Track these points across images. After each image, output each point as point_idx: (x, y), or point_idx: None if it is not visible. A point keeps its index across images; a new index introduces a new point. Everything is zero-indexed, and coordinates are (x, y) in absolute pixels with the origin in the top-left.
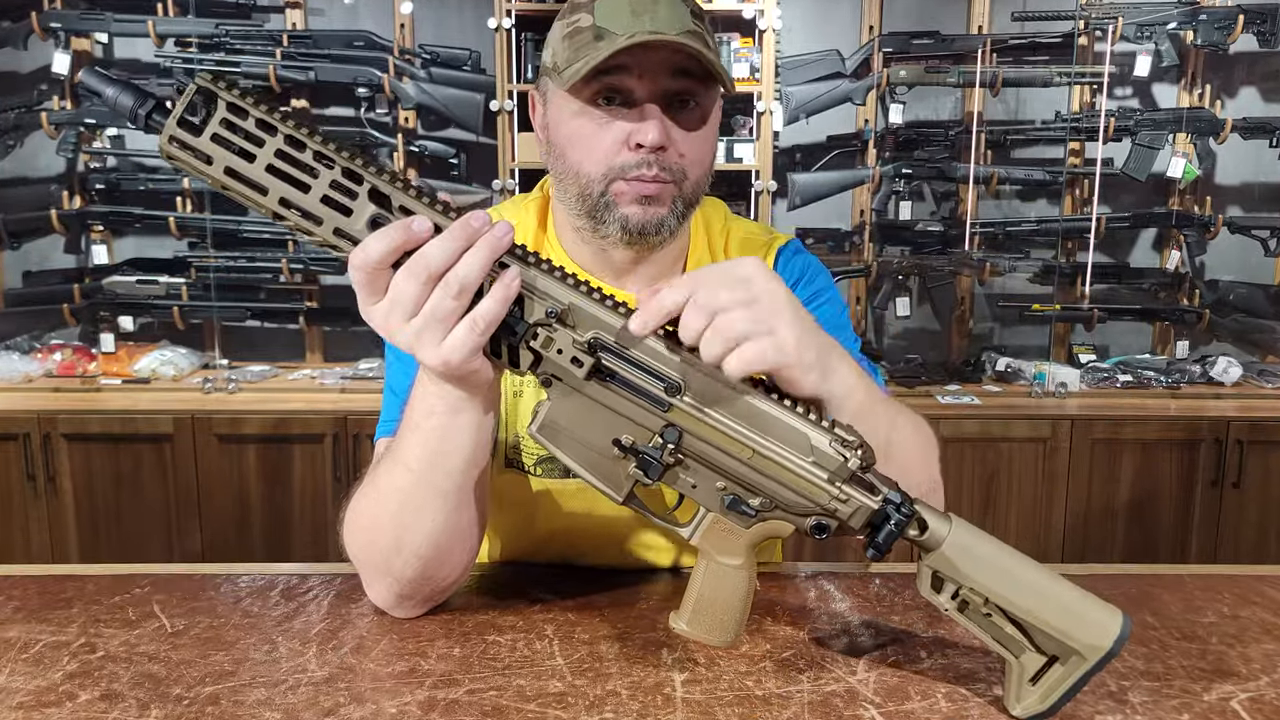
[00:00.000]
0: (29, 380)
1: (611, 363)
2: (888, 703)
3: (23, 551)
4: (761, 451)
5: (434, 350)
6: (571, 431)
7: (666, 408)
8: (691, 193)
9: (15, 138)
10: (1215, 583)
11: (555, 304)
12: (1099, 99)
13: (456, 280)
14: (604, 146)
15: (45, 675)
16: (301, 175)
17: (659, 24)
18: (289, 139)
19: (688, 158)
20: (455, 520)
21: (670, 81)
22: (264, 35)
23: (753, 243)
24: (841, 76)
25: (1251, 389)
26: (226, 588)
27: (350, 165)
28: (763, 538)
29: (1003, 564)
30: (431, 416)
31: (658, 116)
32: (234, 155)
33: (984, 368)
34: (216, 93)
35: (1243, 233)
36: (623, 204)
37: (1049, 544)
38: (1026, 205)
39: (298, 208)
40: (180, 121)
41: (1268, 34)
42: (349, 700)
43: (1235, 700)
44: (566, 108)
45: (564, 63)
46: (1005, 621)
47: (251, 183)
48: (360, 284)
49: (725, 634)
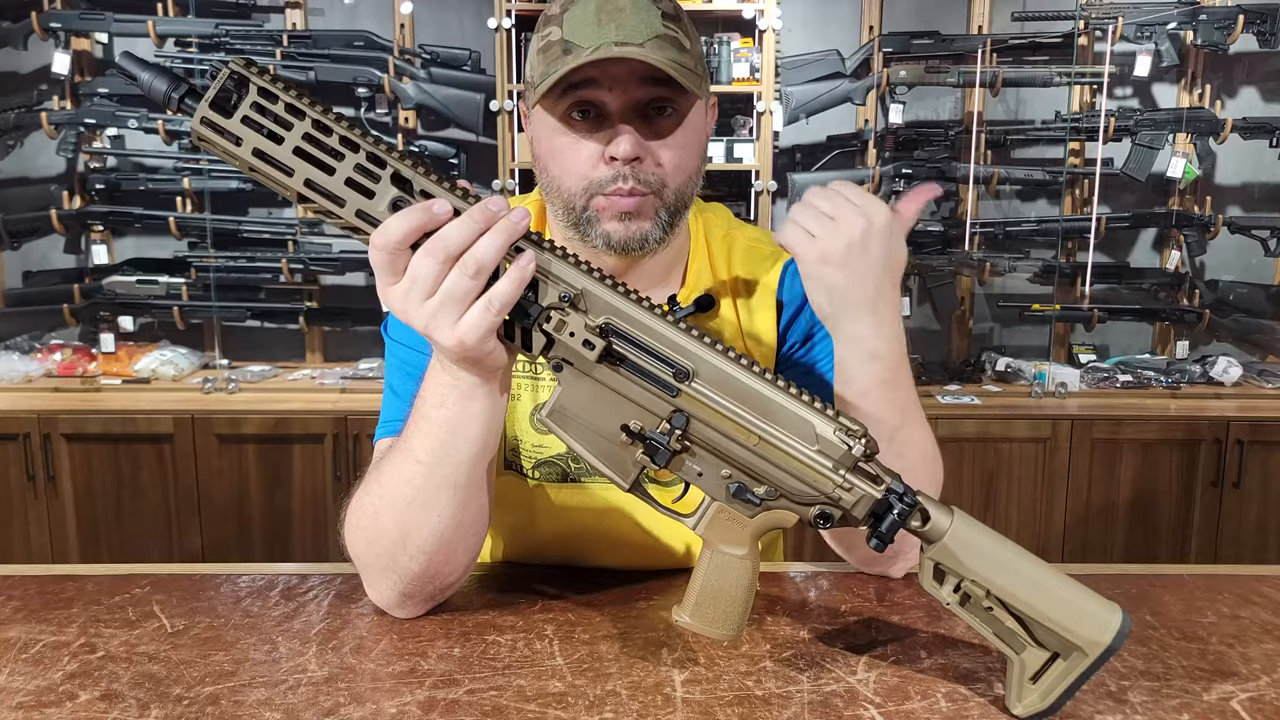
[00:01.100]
0: (29, 380)
1: (622, 347)
2: (888, 702)
3: (23, 551)
4: (768, 438)
5: (450, 330)
6: (580, 417)
7: (675, 393)
8: (675, 200)
9: (15, 138)
10: (1215, 583)
11: (568, 289)
12: (1099, 99)
13: (474, 261)
14: (581, 161)
15: (45, 675)
16: (327, 158)
17: (625, 33)
18: (316, 124)
19: (666, 166)
20: (462, 515)
21: (641, 91)
22: (264, 35)
23: (757, 252)
24: (841, 76)
25: (1252, 389)
26: (226, 588)
27: (374, 150)
28: (767, 527)
29: (1004, 557)
30: (443, 407)
31: (629, 130)
32: (263, 137)
33: (984, 368)
34: (249, 77)
35: (1243, 233)
36: (604, 220)
37: (1049, 544)
38: (1026, 205)
39: (322, 189)
40: (212, 104)
41: (1268, 34)
42: (349, 700)
43: (1235, 700)
44: (544, 123)
45: (538, 77)
46: (1006, 616)
47: (278, 164)
48: (380, 264)
49: (728, 627)
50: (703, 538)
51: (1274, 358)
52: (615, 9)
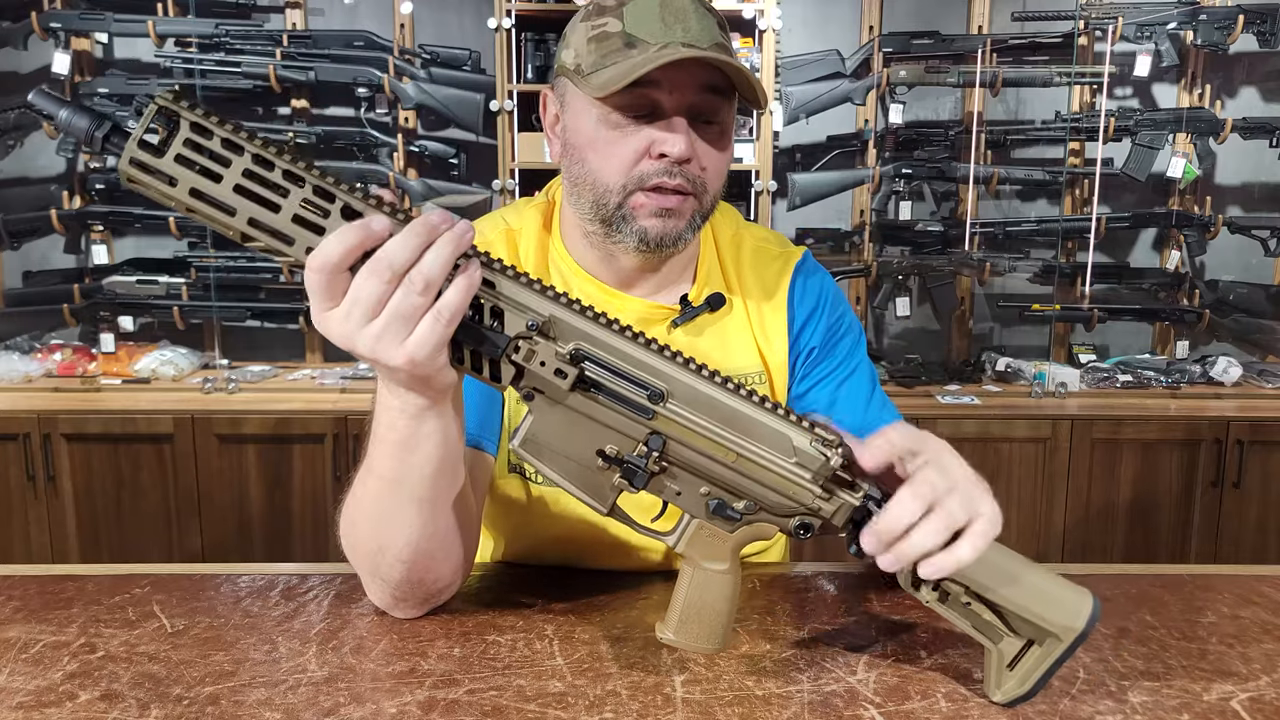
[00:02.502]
0: (29, 380)
1: (595, 373)
2: (888, 702)
3: (23, 551)
4: (745, 454)
5: (398, 349)
6: (554, 445)
7: (651, 415)
8: (710, 205)
9: (15, 138)
10: (1215, 583)
11: (535, 316)
12: (1099, 99)
13: (421, 276)
14: (625, 155)
15: (45, 675)
16: (271, 195)
17: (691, 36)
18: (256, 158)
19: (709, 170)
20: (433, 527)
21: (698, 97)
22: (264, 35)
23: (766, 253)
24: (841, 76)
25: (1252, 389)
26: (226, 588)
27: (321, 183)
28: (748, 540)
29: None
30: (394, 430)
31: (684, 129)
32: (199, 176)
33: (984, 368)
34: (179, 111)
35: (1243, 233)
36: (641, 217)
37: (1049, 544)
38: (1026, 205)
39: (268, 228)
40: (140, 143)
41: (1268, 34)
42: (349, 700)
43: (1235, 700)
44: (588, 112)
45: (589, 67)
46: (984, 608)
47: (219, 204)
48: (317, 288)
49: (713, 640)
50: (683, 554)
51: (1274, 358)
52: (680, 9)
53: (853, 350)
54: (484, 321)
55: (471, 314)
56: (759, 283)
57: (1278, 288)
